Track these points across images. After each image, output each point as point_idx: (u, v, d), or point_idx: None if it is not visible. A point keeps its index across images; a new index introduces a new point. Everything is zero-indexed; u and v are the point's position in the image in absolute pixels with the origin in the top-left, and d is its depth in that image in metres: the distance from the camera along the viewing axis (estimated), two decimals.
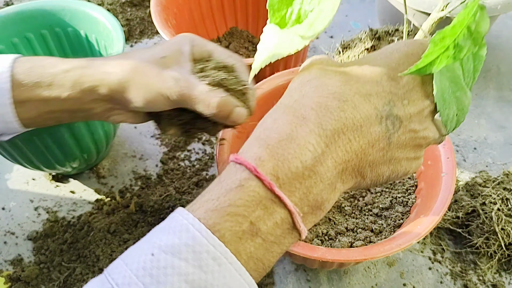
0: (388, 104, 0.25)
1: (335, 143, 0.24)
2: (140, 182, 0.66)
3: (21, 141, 0.53)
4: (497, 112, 0.74)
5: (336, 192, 0.25)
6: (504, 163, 0.66)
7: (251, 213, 0.22)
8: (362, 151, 0.25)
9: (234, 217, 0.22)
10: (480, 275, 0.55)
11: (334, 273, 0.55)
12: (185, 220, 0.22)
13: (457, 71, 0.27)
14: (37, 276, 0.56)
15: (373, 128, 0.25)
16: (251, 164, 0.23)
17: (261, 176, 0.23)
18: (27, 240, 0.60)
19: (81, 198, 0.65)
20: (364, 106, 0.25)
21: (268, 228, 0.23)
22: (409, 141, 0.27)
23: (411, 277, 0.55)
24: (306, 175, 0.23)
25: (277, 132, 0.24)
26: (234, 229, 0.22)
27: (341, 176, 0.25)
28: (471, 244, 0.56)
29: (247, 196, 0.23)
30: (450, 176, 0.47)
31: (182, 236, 0.21)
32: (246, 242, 0.22)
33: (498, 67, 0.81)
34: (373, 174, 0.27)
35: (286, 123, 0.24)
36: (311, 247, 0.43)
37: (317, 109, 0.24)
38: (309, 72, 0.27)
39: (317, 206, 0.25)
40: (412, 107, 0.26)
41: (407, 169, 0.28)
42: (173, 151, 0.70)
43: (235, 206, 0.22)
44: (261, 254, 0.23)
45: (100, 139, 0.61)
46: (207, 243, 0.21)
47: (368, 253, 0.41)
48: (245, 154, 0.25)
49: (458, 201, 0.58)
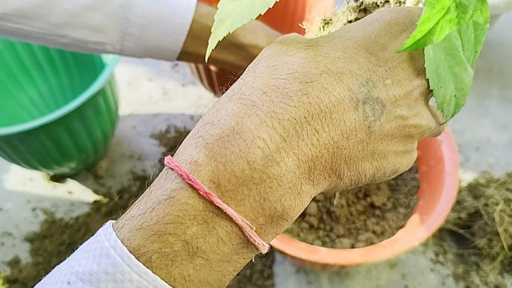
0: (366, 85, 0.20)
1: (296, 136, 0.19)
2: (138, 182, 0.66)
3: (18, 140, 0.53)
4: (501, 112, 0.73)
5: (303, 197, 0.20)
6: (507, 164, 0.66)
7: (184, 231, 0.18)
8: (334, 144, 0.20)
9: (163, 237, 0.18)
10: (483, 277, 0.54)
11: (335, 275, 0.55)
12: (107, 241, 0.18)
13: (455, 41, 0.21)
14: (35, 278, 0.56)
15: (348, 115, 0.20)
16: (184, 170, 0.19)
17: (196, 185, 0.18)
18: (25, 241, 0.60)
19: (79, 198, 0.64)
20: (335, 88, 0.20)
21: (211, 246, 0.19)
22: (396, 130, 0.21)
23: (413, 279, 0.54)
24: (256, 178, 0.18)
25: (219, 126, 0.19)
26: (164, 251, 0.18)
27: (308, 176, 0.20)
28: (473, 245, 0.55)
29: (178, 210, 0.18)
30: (453, 176, 0.46)
31: (102, 261, 0.18)
32: (181, 264, 0.18)
33: (501, 66, 0.81)
34: (352, 173, 0.21)
35: (231, 113, 0.19)
36: (312, 248, 0.42)
37: (271, 93, 0.19)
38: (268, 48, 0.21)
39: (278, 215, 0.19)
40: (398, 88, 0.21)
41: (396, 165, 0.22)
42: (172, 151, 0.69)
43: (163, 224, 0.18)
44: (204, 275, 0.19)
45: (98, 139, 0.60)
46: (130, 271, 0.18)
47: (370, 255, 0.41)
48: (179, 156, 0.20)
49: (460, 201, 0.58)
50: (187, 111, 0.75)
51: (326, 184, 0.21)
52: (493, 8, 0.64)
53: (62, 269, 0.19)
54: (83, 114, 0.55)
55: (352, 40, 0.21)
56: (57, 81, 0.72)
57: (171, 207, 0.18)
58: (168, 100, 0.77)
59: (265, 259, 0.56)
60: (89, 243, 0.19)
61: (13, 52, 0.66)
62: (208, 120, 0.20)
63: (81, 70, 0.71)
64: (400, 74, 0.21)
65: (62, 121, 0.52)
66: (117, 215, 0.60)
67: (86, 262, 0.18)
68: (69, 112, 0.50)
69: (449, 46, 0.21)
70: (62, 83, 0.72)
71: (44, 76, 0.71)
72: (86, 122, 0.56)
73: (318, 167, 0.20)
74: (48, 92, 0.72)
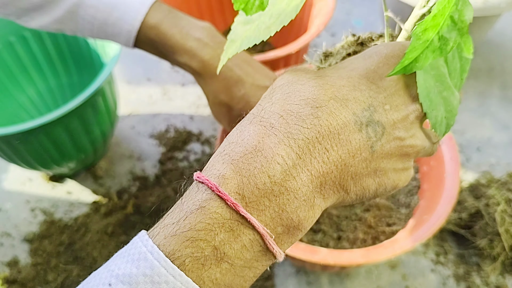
0: (368, 110, 0.23)
1: (309, 154, 0.22)
2: (137, 182, 0.65)
3: (17, 140, 0.53)
4: (501, 112, 0.73)
5: (315, 209, 0.23)
6: (508, 164, 0.65)
7: (214, 237, 0.20)
8: (342, 162, 0.22)
9: (195, 243, 0.20)
10: (484, 277, 0.54)
11: (335, 276, 0.54)
12: (144, 247, 0.21)
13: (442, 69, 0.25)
14: (34, 278, 0.55)
15: (353, 136, 0.23)
16: (213, 183, 0.21)
17: (224, 196, 0.21)
18: (24, 242, 0.60)
19: (78, 199, 0.64)
20: (341, 112, 0.23)
21: (236, 252, 0.21)
22: (395, 150, 0.24)
23: (413, 280, 0.54)
24: (276, 191, 0.21)
25: (243, 145, 0.22)
26: (196, 256, 0.20)
27: (319, 190, 0.22)
28: (474, 246, 0.55)
29: (208, 218, 0.21)
30: (454, 177, 0.46)
31: (140, 265, 0.20)
32: (210, 268, 0.20)
33: (502, 65, 0.80)
34: (358, 188, 0.24)
35: (253, 134, 0.22)
36: (312, 249, 0.42)
37: (287, 116, 0.22)
38: (281, 78, 0.25)
39: (294, 225, 0.22)
40: (396, 113, 0.24)
41: (395, 181, 0.25)
42: (171, 152, 0.69)
43: (195, 231, 0.20)
44: (229, 280, 0.21)
45: (97, 139, 0.60)
46: (166, 273, 0.20)
47: (370, 255, 0.41)
48: (207, 171, 0.23)
49: (461, 202, 0.58)
50: (186, 111, 0.75)
51: (335, 198, 0.24)
52: (494, 8, 0.64)
53: (101, 273, 0.21)
54: (82, 114, 0.55)
55: (355, 71, 0.24)
56: (56, 81, 0.72)
57: (203, 216, 0.21)
58: (167, 100, 0.77)
59: None
60: (126, 249, 0.22)
61: (12, 52, 0.66)
62: (233, 140, 0.23)
63: (80, 70, 0.71)
64: (397, 100, 0.24)
65: (61, 121, 0.52)
66: (117, 215, 0.60)
67: (125, 266, 0.20)
68: (68, 112, 0.50)
69: (437, 74, 0.24)
70: (61, 83, 0.72)
71: (43, 76, 0.70)
72: (85, 122, 0.56)
73: (328, 182, 0.23)
74: (47, 92, 0.72)
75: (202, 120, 0.74)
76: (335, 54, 0.30)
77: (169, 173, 0.66)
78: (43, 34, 0.66)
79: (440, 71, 0.24)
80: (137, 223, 0.60)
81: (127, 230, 0.60)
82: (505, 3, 0.64)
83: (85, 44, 0.66)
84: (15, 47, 0.66)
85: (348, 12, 0.93)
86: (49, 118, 0.49)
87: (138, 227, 0.60)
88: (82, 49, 0.67)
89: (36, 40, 0.67)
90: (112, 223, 0.59)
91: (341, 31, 0.89)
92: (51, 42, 0.68)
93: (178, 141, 0.70)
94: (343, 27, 0.89)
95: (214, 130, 0.72)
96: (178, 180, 0.65)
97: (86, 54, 0.67)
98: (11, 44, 0.65)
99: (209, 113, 0.75)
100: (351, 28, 0.90)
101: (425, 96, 0.24)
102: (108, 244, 0.57)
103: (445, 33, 0.22)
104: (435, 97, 0.24)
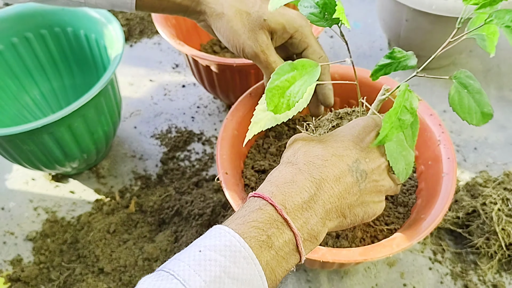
0: (356, 162, 0.35)
1: (322, 188, 0.33)
2: (139, 182, 0.66)
3: (20, 140, 0.53)
4: (498, 112, 0.74)
5: (325, 227, 0.33)
6: (505, 163, 0.66)
7: (268, 229, 0.30)
8: (341, 196, 0.34)
9: (256, 230, 0.30)
10: (481, 276, 0.55)
11: (334, 273, 0.55)
12: (222, 229, 0.29)
13: (401, 137, 0.38)
14: (37, 276, 0.56)
15: (347, 179, 0.34)
16: (267, 196, 0.32)
17: (274, 204, 0.31)
18: (27, 240, 0.60)
19: (81, 198, 0.65)
20: (340, 164, 0.34)
21: (280, 244, 0.30)
22: (373, 188, 0.36)
23: (411, 278, 0.55)
24: (305, 208, 0.32)
25: (283, 178, 0.34)
26: (257, 239, 0.29)
27: (328, 214, 0.33)
28: (471, 244, 0.56)
29: (265, 216, 0.30)
30: (451, 176, 0.46)
31: (222, 239, 0.28)
32: (264, 251, 0.29)
33: (498, 67, 0.81)
34: (351, 214, 0.35)
35: (288, 172, 0.34)
36: None
37: (308, 165, 0.34)
38: (297, 143, 0.37)
39: (313, 235, 0.32)
40: (372, 164, 0.36)
41: (374, 210, 0.37)
42: (173, 151, 0.70)
43: (257, 221, 0.30)
44: (274, 265, 0.30)
45: (100, 139, 0.61)
46: (239, 246, 0.28)
47: (369, 253, 0.41)
48: (260, 191, 0.33)
49: (458, 201, 0.58)
50: (188, 112, 0.76)
51: (337, 222, 0.35)
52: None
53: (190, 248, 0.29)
54: (85, 114, 0.55)
55: (344, 137, 0.36)
56: (59, 82, 0.72)
57: (261, 214, 0.31)
58: (169, 100, 0.78)
59: None
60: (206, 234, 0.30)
61: (15, 53, 0.67)
62: (275, 175, 0.34)
63: (83, 72, 0.71)
64: (373, 156, 0.36)
65: (64, 121, 0.52)
66: (119, 214, 0.61)
67: (210, 240, 0.29)
68: (71, 113, 0.51)
69: (398, 140, 0.37)
70: (64, 84, 0.73)
71: (46, 77, 0.71)
72: (88, 122, 0.57)
73: (333, 209, 0.34)
74: (50, 92, 0.72)
75: (203, 120, 0.75)
76: (322, 126, 0.43)
77: (170, 173, 0.67)
78: (46, 35, 0.67)
79: (399, 138, 0.37)
80: (139, 221, 0.61)
81: (129, 228, 0.60)
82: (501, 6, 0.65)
83: (87, 45, 0.67)
84: (18, 48, 0.67)
85: (347, 13, 0.94)
86: (52, 119, 0.50)
87: (140, 225, 0.60)
88: (84, 51, 0.68)
89: (39, 42, 0.67)
90: (114, 222, 0.60)
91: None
92: (53, 44, 0.68)
93: (179, 141, 0.71)
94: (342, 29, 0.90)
95: (215, 130, 0.73)
96: (179, 180, 0.66)
97: (88, 55, 0.68)
98: (14, 46, 0.66)
99: (210, 113, 0.76)
100: (350, 31, 0.91)
101: (390, 155, 0.37)
102: (110, 242, 0.58)
103: (402, 116, 0.34)
104: (397, 155, 0.37)
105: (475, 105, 0.35)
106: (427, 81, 0.78)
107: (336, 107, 0.60)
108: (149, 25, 0.92)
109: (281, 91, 0.34)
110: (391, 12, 0.75)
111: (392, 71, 0.38)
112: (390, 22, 0.77)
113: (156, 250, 0.56)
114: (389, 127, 0.34)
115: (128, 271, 0.55)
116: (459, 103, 0.35)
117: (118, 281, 0.55)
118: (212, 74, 0.64)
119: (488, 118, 0.35)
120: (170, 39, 0.62)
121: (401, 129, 0.34)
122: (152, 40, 0.90)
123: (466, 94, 0.35)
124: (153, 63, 0.85)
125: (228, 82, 0.65)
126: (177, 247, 0.57)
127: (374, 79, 0.38)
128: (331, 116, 0.43)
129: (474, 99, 0.35)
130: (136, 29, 0.91)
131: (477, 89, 0.35)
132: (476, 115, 0.35)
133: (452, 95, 0.35)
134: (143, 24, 0.92)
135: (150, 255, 0.56)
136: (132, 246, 0.57)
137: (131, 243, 0.58)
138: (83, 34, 0.66)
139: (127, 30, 0.90)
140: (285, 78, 0.34)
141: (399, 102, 0.34)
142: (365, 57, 0.85)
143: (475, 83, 0.35)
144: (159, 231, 0.60)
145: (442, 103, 0.75)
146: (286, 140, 0.57)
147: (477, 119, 0.35)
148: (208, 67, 0.63)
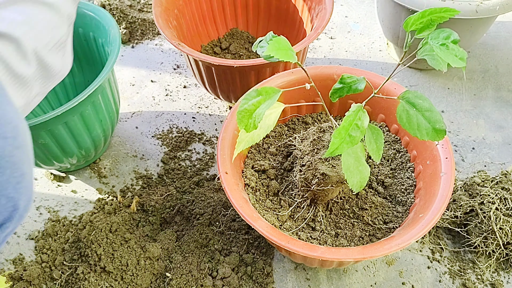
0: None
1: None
2: (141, 181, 0.67)
3: None
4: (496, 112, 0.75)
5: None
6: (503, 163, 0.67)
7: None
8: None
9: None
10: (479, 274, 0.55)
11: (334, 272, 0.56)
12: None
13: (359, 153, 0.41)
14: (39, 275, 0.57)
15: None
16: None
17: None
18: (29, 240, 0.61)
19: (83, 197, 0.65)
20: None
21: None
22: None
23: (410, 276, 0.55)
24: None
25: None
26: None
27: None
28: (469, 243, 0.56)
29: None
30: (449, 176, 0.47)
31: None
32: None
33: (496, 67, 0.82)
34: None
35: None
36: (311, 246, 0.43)
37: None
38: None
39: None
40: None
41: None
42: (174, 151, 0.70)
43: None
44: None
45: (98, 136, 0.61)
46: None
47: (367, 252, 0.42)
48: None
49: (456, 200, 0.59)
50: (189, 112, 0.76)
51: None
52: (489, 11, 0.66)
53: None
54: (82, 111, 0.56)
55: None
56: None
57: None
58: (170, 101, 0.79)
59: (265, 257, 0.57)
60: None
61: None
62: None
63: (83, 70, 0.72)
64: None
65: (61, 118, 0.53)
66: (121, 214, 0.61)
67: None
68: (68, 110, 0.51)
69: (355, 156, 0.41)
70: (64, 83, 0.73)
71: None
72: (86, 119, 0.57)
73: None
74: (51, 91, 0.73)
75: (204, 120, 0.75)
76: (308, 138, 0.49)
77: (171, 172, 0.67)
78: None
79: (357, 154, 0.41)
80: (141, 221, 0.61)
81: (131, 228, 0.61)
82: (499, 6, 0.66)
83: (87, 45, 0.68)
84: None
85: (346, 15, 0.95)
86: (49, 116, 0.50)
87: (142, 225, 0.61)
88: (84, 50, 0.69)
89: None
90: (116, 221, 0.60)
91: (339, 34, 0.91)
92: None
93: (180, 141, 0.71)
94: (341, 31, 0.91)
95: (216, 130, 0.73)
96: (180, 179, 0.66)
97: (88, 54, 0.69)
98: None
99: (210, 113, 0.76)
100: (349, 31, 0.91)
101: (347, 168, 0.41)
102: (112, 241, 0.58)
103: (352, 133, 0.38)
104: (354, 169, 0.41)
105: (425, 122, 0.38)
106: (426, 81, 0.79)
107: (336, 107, 0.61)
108: (150, 27, 0.93)
109: (249, 113, 0.39)
110: (390, 14, 0.75)
111: (345, 93, 0.43)
112: (389, 23, 0.77)
113: (158, 249, 0.57)
114: (339, 142, 0.38)
115: (130, 270, 0.56)
116: (407, 120, 0.38)
117: (120, 280, 0.55)
118: (212, 75, 0.65)
119: (443, 134, 0.37)
120: (171, 40, 0.63)
121: (352, 144, 0.38)
122: (154, 42, 0.90)
123: (415, 112, 0.38)
124: (155, 64, 0.86)
125: (228, 83, 0.66)
126: (179, 246, 0.58)
127: (333, 100, 0.45)
128: (314, 130, 0.50)
129: (424, 116, 0.38)
130: (138, 31, 0.92)
131: (427, 108, 0.38)
132: (427, 131, 0.38)
133: (399, 113, 0.38)
134: (145, 26, 0.93)
135: (152, 254, 0.57)
136: (134, 245, 0.58)
137: (133, 242, 0.58)
138: (82, 33, 0.67)
139: (128, 32, 0.90)
140: (252, 102, 0.40)
141: (350, 119, 0.38)
142: (365, 58, 0.85)
143: (424, 102, 0.38)
144: (161, 230, 0.61)
145: (440, 104, 0.76)
146: (286, 140, 0.57)
147: (430, 135, 0.37)
148: (209, 68, 0.64)
